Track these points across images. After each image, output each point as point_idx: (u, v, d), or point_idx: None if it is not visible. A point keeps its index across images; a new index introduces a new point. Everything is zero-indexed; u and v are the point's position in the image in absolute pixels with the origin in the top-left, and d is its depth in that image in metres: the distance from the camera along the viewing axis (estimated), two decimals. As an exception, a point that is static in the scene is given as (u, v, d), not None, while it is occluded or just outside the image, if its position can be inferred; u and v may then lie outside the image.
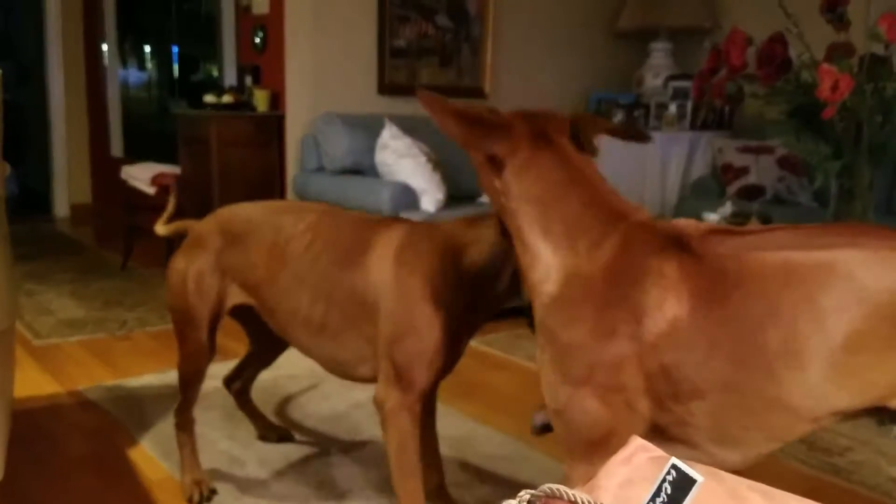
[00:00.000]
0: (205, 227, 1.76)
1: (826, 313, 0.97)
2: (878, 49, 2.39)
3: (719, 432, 1.05)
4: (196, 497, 1.81)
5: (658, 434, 1.08)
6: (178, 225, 1.88)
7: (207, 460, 2.01)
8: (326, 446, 2.14)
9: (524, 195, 1.14)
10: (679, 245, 1.06)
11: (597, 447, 1.06)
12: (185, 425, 1.86)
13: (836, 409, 1.01)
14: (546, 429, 1.55)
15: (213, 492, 1.85)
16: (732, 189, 4.12)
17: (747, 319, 1.00)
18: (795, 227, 1.07)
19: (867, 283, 0.96)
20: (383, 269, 1.49)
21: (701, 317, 1.01)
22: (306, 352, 1.66)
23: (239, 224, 1.71)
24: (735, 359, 1.00)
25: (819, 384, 0.98)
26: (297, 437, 2.19)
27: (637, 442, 0.54)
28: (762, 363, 0.99)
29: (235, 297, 1.72)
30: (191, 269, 1.71)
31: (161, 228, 1.90)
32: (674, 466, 0.47)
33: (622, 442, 1.03)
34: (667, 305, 1.02)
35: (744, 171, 4.12)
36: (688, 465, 0.46)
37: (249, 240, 1.67)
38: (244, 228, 1.69)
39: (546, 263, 1.11)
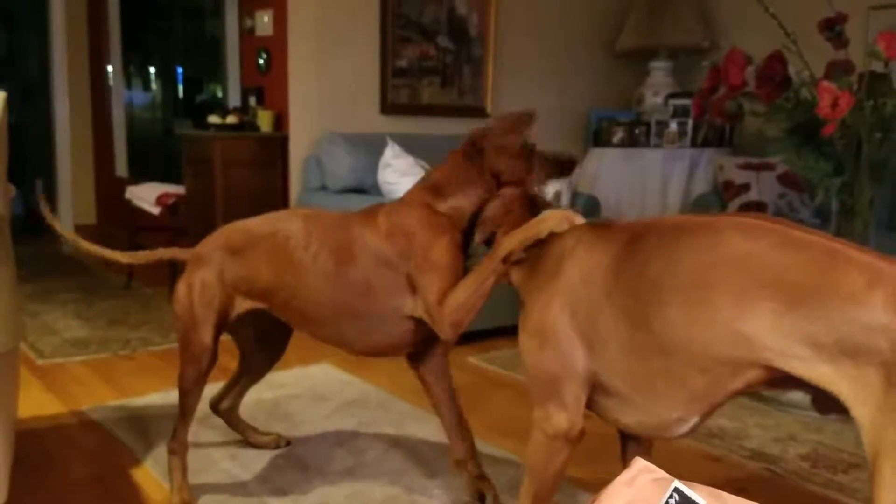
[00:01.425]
0: (204, 247, 1.88)
1: (692, 252, 1.16)
2: (878, 66, 2.41)
3: (635, 379, 1.23)
4: None
5: (599, 389, 1.31)
6: (164, 254, 1.98)
7: (209, 479, 2.01)
8: (328, 466, 2.13)
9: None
10: (584, 227, 1.37)
11: (548, 392, 1.35)
12: (177, 450, 1.90)
13: (713, 354, 1.11)
14: None
15: None
16: (734, 206, 4.13)
17: (640, 260, 1.22)
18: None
19: (729, 238, 1.13)
20: None
21: (608, 263, 1.28)
22: (325, 339, 1.80)
23: (237, 240, 1.84)
24: (630, 292, 1.22)
25: (685, 315, 1.13)
26: (299, 456, 2.19)
27: (640, 464, 0.55)
28: (646, 293, 1.19)
29: (242, 305, 1.85)
30: (195, 281, 1.83)
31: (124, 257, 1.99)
32: (676, 490, 0.48)
33: (569, 389, 1.30)
34: (580, 252, 1.32)
35: (745, 188, 4.13)
36: (690, 487, 0.47)
37: (250, 252, 1.80)
38: (243, 243, 1.82)
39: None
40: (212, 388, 2.67)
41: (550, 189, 3.99)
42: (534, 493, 1.39)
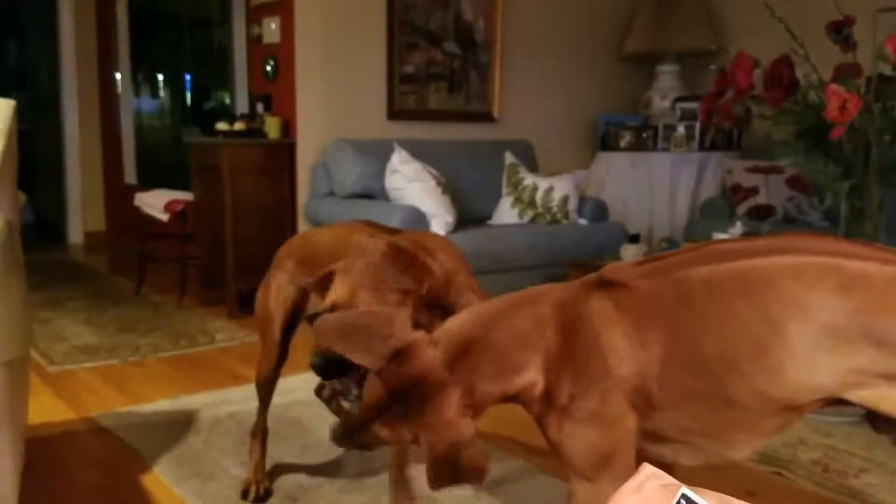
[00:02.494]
0: (280, 252, 2.00)
1: (748, 320, 1.08)
2: (886, 69, 2.40)
3: (702, 429, 1.17)
4: (252, 493, 1.95)
5: (652, 438, 1.21)
6: None
7: (219, 486, 2.01)
8: (338, 473, 2.13)
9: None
10: (606, 286, 1.20)
11: (600, 467, 1.21)
12: (257, 433, 2.02)
13: (788, 404, 1.10)
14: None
15: (268, 493, 1.99)
16: (742, 209, 4.12)
17: (686, 334, 1.14)
18: (726, 241, 1.19)
19: (785, 290, 1.06)
20: None
21: (649, 340, 1.15)
22: None
23: (308, 250, 1.94)
24: (686, 369, 1.14)
25: (759, 383, 1.09)
26: (310, 463, 2.19)
27: (648, 470, 0.55)
28: (707, 369, 1.12)
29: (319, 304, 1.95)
30: (272, 283, 1.97)
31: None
32: (684, 496, 0.48)
33: (622, 457, 1.18)
34: (617, 340, 1.16)
35: (753, 191, 4.12)
36: (698, 493, 0.47)
37: (321, 262, 1.89)
38: (313, 253, 1.92)
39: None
40: (209, 396, 2.67)
41: (558, 193, 3.99)
42: None
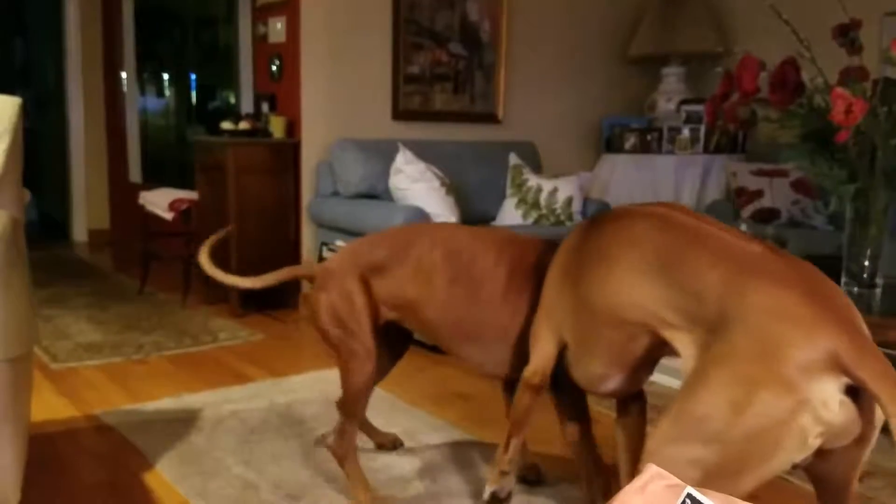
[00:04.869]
0: (337, 264, 1.90)
1: (606, 237, 1.39)
2: (892, 73, 2.39)
3: (576, 332, 1.48)
4: None
5: (564, 346, 1.56)
6: (288, 273, 2.00)
7: (221, 484, 2.01)
8: (340, 472, 2.13)
9: None
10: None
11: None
12: (350, 454, 1.93)
13: (621, 319, 1.33)
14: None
15: None
16: (747, 212, 4.11)
17: (584, 238, 1.48)
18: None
19: (635, 223, 1.34)
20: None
21: (568, 247, 1.55)
22: (456, 355, 1.89)
23: (376, 258, 1.88)
24: (577, 264, 1.47)
25: (598, 290, 1.37)
26: (312, 462, 2.19)
27: (652, 470, 0.54)
28: (582, 267, 1.45)
29: (385, 315, 1.91)
30: (336, 295, 1.86)
31: (255, 281, 2.00)
32: (689, 496, 0.47)
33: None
34: (563, 246, 1.59)
35: (758, 194, 4.11)
36: (702, 493, 0.46)
37: (390, 271, 1.86)
38: (382, 261, 1.87)
39: None
40: (218, 394, 2.68)
41: (562, 194, 3.99)
42: (509, 432, 1.73)
